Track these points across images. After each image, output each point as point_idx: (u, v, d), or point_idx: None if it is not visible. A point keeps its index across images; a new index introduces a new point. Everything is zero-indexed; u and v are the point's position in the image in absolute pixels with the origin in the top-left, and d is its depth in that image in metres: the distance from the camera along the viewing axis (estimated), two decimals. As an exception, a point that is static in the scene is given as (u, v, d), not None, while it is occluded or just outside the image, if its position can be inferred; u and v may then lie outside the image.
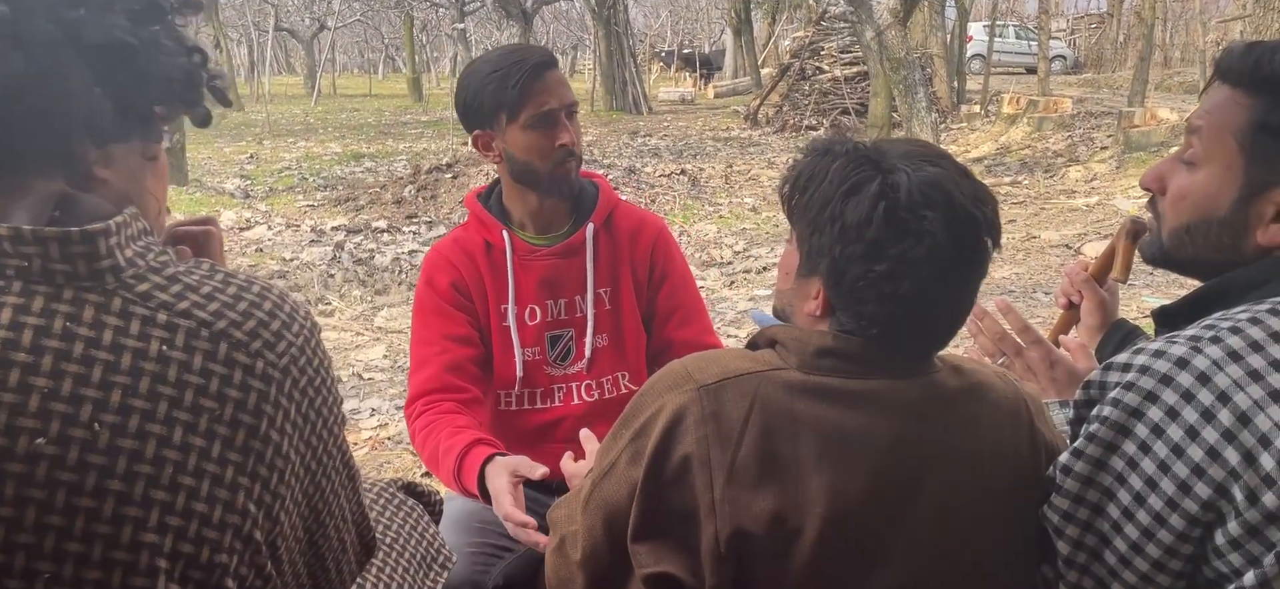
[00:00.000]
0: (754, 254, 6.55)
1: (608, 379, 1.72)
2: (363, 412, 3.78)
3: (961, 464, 0.96)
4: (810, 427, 0.92)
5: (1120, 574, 0.94)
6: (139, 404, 0.68)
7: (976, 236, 0.94)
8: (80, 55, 0.72)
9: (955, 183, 0.93)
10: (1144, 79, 12.17)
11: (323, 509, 0.81)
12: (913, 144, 0.99)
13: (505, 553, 1.59)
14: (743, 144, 12.93)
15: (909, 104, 9.75)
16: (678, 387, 0.96)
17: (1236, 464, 0.86)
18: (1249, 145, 0.99)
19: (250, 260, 6.46)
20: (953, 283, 0.95)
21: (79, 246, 0.69)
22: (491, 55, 1.63)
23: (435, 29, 28.55)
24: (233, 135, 14.27)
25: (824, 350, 0.96)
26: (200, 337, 0.71)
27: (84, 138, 0.73)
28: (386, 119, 18.08)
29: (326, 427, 0.79)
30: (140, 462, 0.68)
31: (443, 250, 1.69)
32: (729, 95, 20.40)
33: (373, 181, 9.59)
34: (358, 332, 4.94)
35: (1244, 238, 1.01)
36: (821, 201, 0.96)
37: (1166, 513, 0.90)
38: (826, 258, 0.95)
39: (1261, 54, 0.98)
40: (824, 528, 0.91)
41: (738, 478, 0.91)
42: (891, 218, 0.91)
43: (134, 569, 0.68)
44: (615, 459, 0.98)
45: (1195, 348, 0.91)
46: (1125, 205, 7.29)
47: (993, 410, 1.00)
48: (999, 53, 19.89)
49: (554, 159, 1.59)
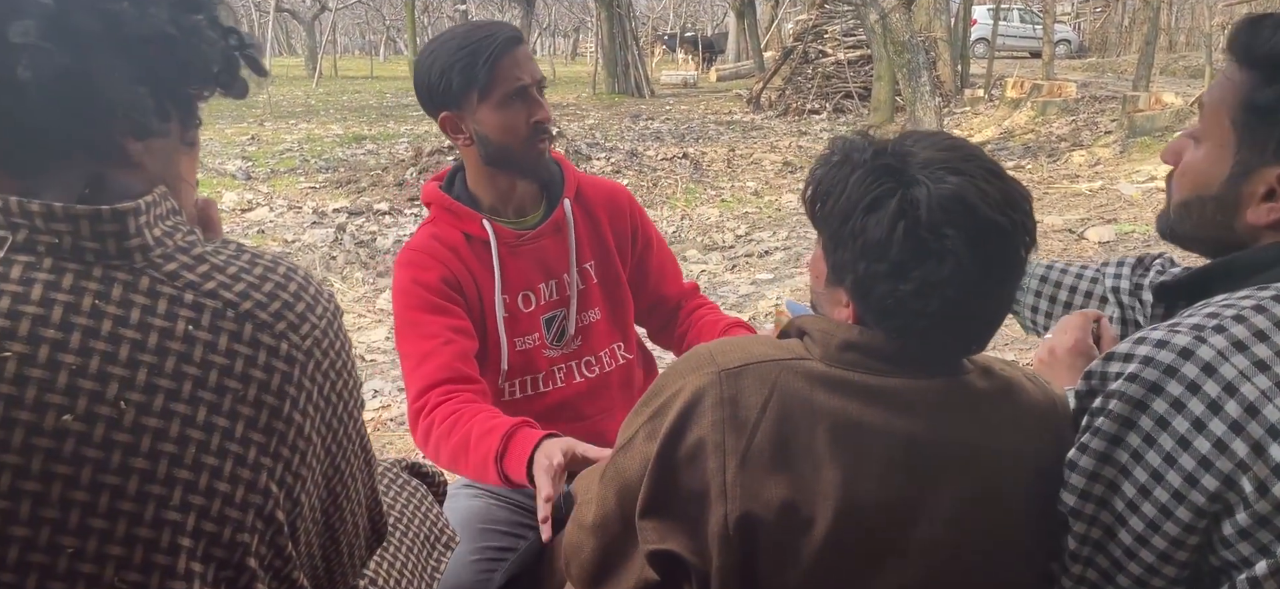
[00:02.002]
0: (756, 238, 6.54)
1: (604, 352, 1.71)
2: (365, 393, 3.78)
3: (984, 466, 0.94)
4: (828, 418, 0.91)
5: (1126, 566, 0.94)
6: (164, 384, 0.69)
7: (1004, 248, 0.90)
8: (122, 49, 0.72)
9: (980, 191, 0.89)
10: (1149, 63, 12.10)
11: (340, 492, 0.82)
12: (938, 146, 0.94)
13: (507, 553, 1.57)
14: (745, 128, 12.88)
15: (913, 88, 9.70)
16: (700, 368, 0.95)
17: (1244, 456, 0.86)
18: (1240, 123, 0.97)
19: (252, 242, 6.45)
20: (983, 296, 0.91)
21: (109, 225, 0.69)
22: (455, 32, 1.55)
23: (437, 11, 28.42)
24: (234, 117, 14.24)
25: (848, 344, 0.94)
26: (226, 317, 0.72)
27: (125, 130, 0.73)
28: (388, 101, 18.03)
29: (347, 410, 0.80)
30: (165, 440, 0.69)
31: (422, 247, 1.59)
32: (732, 78, 20.33)
33: (374, 163, 9.57)
34: (360, 313, 4.94)
35: (1235, 216, 0.99)
36: (842, 216, 0.93)
37: (1173, 505, 0.89)
38: (851, 273, 0.93)
39: (1258, 28, 0.96)
40: (836, 520, 0.90)
41: (751, 463, 0.90)
42: (912, 238, 0.88)
43: (156, 547, 0.69)
44: (634, 434, 0.98)
45: (1199, 337, 0.89)
46: (1129, 190, 7.27)
47: (1022, 414, 0.98)
48: (1003, 36, 19.79)
49: (529, 137, 1.54)
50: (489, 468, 1.41)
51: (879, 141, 0.96)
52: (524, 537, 1.61)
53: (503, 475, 1.40)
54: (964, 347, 0.97)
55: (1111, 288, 1.38)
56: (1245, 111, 0.96)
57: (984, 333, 0.96)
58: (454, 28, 1.60)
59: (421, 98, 1.58)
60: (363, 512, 0.87)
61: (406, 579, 1.06)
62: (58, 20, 0.69)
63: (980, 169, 0.91)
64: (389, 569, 1.05)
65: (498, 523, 1.59)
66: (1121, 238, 5.84)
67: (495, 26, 1.55)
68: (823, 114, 13.60)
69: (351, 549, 0.87)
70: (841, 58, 14.16)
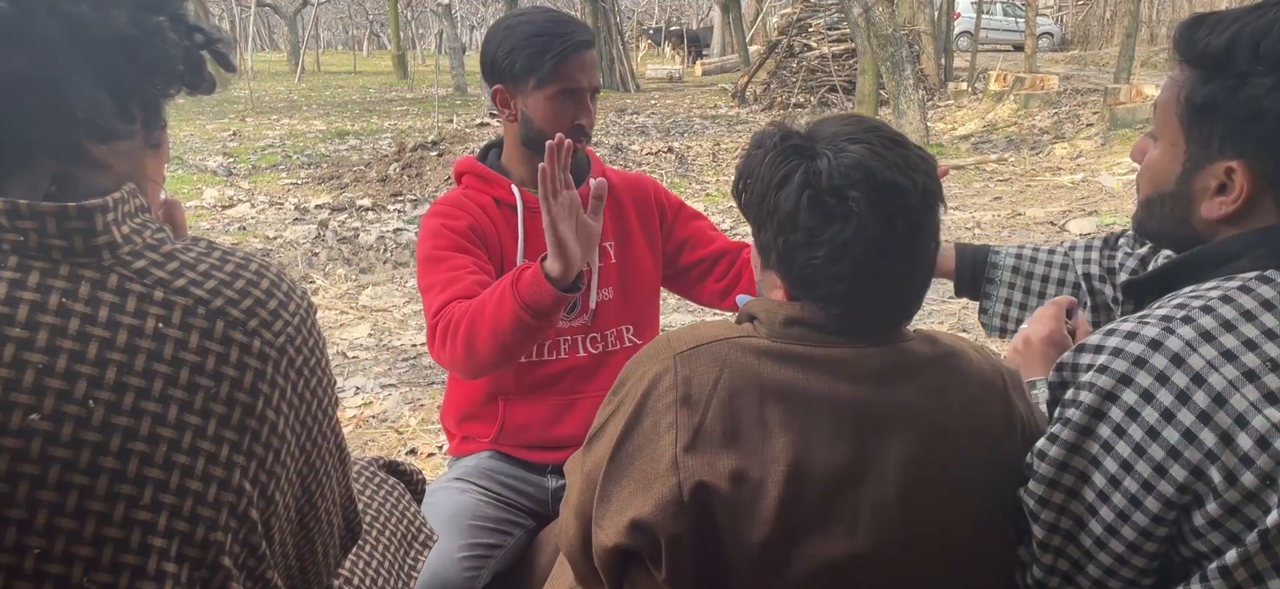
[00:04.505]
0: (741, 232, 6.55)
1: (611, 332, 1.73)
2: (347, 390, 3.76)
3: (928, 431, 0.97)
4: (775, 389, 0.95)
5: (1096, 556, 0.95)
6: (134, 381, 0.68)
7: (905, 205, 0.94)
8: (82, 52, 0.71)
9: (878, 156, 0.94)
10: (1130, 55, 12.19)
11: (315, 490, 0.81)
12: (843, 122, 1.00)
13: (495, 550, 1.58)
14: (730, 122, 12.89)
15: (896, 81, 9.74)
16: (658, 356, 1.00)
17: (1213, 446, 0.86)
18: (1186, 120, 0.99)
19: (233, 239, 6.41)
20: (892, 254, 0.95)
21: (76, 222, 0.68)
22: (535, 17, 1.63)
23: (420, 5, 28.28)
24: (215, 112, 14.13)
25: (790, 319, 0.99)
26: (197, 314, 0.71)
27: (87, 133, 0.72)
28: (371, 96, 17.94)
29: (321, 407, 0.79)
30: (135, 439, 0.68)
31: (452, 200, 1.67)
32: (717, 73, 20.34)
33: (357, 159, 9.52)
34: (342, 310, 4.92)
35: (1191, 211, 1.01)
36: (759, 196, 1.00)
37: (1142, 495, 0.90)
38: (774, 250, 0.99)
39: (1198, 27, 0.98)
40: (785, 485, 0.93)
41: (703, 438, 0.94)
42: (817, 204, 0.94)
43: (126, 547, 0.68)
44: (603, 423, 1.02)
45: (1167, 328, 0.90)
46: (1110, 182, 7.32)
47: (965, 380, 1.00)
48: (986, 29, 19.88)
49: (567, 133, 1.58)
50: (506, 299, 1.44)
51: (789, 127, 1.02)
52: (511, 533, 1.62)
53: (518, 295, 1.43)
54: (894, 312, 1.00)
55: (1083, 273, 1.39)
56: (1188, 108, 0.98)
57: (907, 296, 1.00)
58: (534, 12, 1.67)
59: (484, 64, 1.65)
60: (337, 510, 0.87)
61: (382, 577, 1.06)
62: (16, 23, 0.68)
63: (880, 139, 0.96)
64: (365, 568, 1.04)
65: (485, 520, 1.60)
66: (1103, 230, 5.89)
67: (571, 25, 1.63)
68: (807, 108, 13.62)
69: (325, 547, 0.86)
70: (826, 51, 14.19)
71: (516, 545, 1.63)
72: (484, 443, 1.73)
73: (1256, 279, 0.93)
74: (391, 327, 4.65)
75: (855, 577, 0.95)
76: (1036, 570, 0.99)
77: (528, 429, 1.70)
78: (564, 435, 1.69)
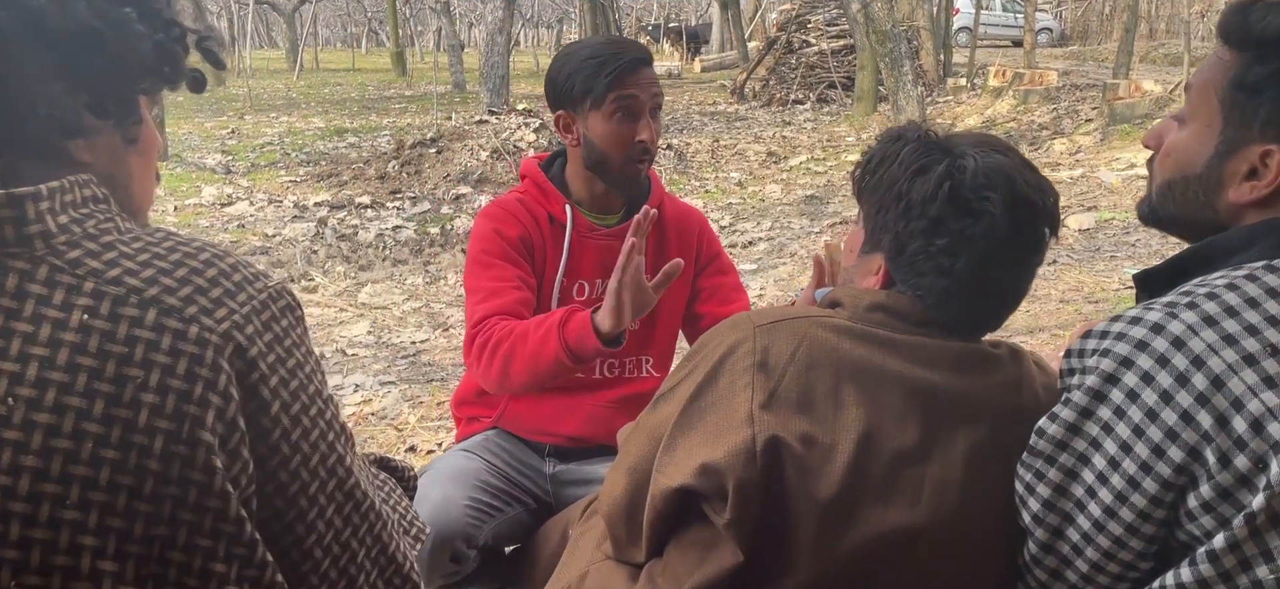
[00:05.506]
0: (740, 228, 6.54)
1: (630, 360, 1.77)
2: (346, 387, 3.76)
3: (997, 420, 1.01)
4: (852, 366, 0.99)
5: (1094, 538, 0.95)
6: (56, 377, 0.66)
7: (1035, 222, 1.01)
8: (44, 46, 0.69)
9: (1019, 171, 1.01)
10: (1129, 51, 12.18)
11: (289, 483, 0.76)
12: (983, 136, 1.06)
13: (496, 513, 1.65)
14: (729, 119, 12.88)
15: (895, 77, 9.73)
16: (738, 327, 1.04)
17: (1209, 427, 0.87)
18: (1227, 102, 0.99)
19: (232, 237, 6.41)
20: (1008, 263, 1.02)
21: (5, 211, 0.67)
22: (591, 42, 1.69)
23: (419, 3, 28.24)
24: (214, 110, 14.11)
25: (875, 305, 1.04)
26: (128, 303, 0.69)
27: (50, 128, 0.71)
28: (370, 94, 17.92)
29: (283, 403, 0.75)
30: (57, 437, 0.66)
31: (509, 206, 1.70)
32: (715, 69, 20.32)
33: (356, 157, 9.51)
34: (341, 308, 4.91)
35: (1217, 195, 1.01)
36: (890, 181, 1.04)
37: (1140, 476, 0.91)
38: (889, 233, 1.04)
39: (1252, 11, 0.99)
40: (856, 452, 0.96)
41: (778, 399, 0.98)
42: (955, 197, 0.99)
43: (55, 548, 0.66)
44: (675, 384, 1.06)
45: (1171, 313, 0.92)
46: (1109, 177, 7.32)
47: (1032, 380, 1.06)
48: (986, 25, 19.86)
49: (630, 154, 1.63)
50: (550, 337, 1.48)
51: (928, 129, 1.08)
52: (511, 505, 1.69)
53: (563, 338, 1.46)
54: (988, 316, 1.05)
55: None
56: (1235, 89, 0.98)
57: (1001, 306, 1.05)
58: (591, 39, 1.76)
59: (548, 92, 1.70)
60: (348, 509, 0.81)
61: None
62: None
63: (1020, 158, 1.04)
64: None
65: (490, 484, 1.67)
66: (1102, 225, 5.88)
67: (626, 46, 1.67)
68: (806, 104, 13.61)
69: (323, 544, 0.82)
70: (825, 48, 14.17)
71: (516, 519, 1.69)
72: (487, 423, 1.80)
73: (1264, 268, 0.94)
74: (391, 324, 4.65)
75: (911, 546, 0.99)
76: (1032, 546, 1.00)
77: (530, 418, 1.77)
78: (564, 432, 1.76)
